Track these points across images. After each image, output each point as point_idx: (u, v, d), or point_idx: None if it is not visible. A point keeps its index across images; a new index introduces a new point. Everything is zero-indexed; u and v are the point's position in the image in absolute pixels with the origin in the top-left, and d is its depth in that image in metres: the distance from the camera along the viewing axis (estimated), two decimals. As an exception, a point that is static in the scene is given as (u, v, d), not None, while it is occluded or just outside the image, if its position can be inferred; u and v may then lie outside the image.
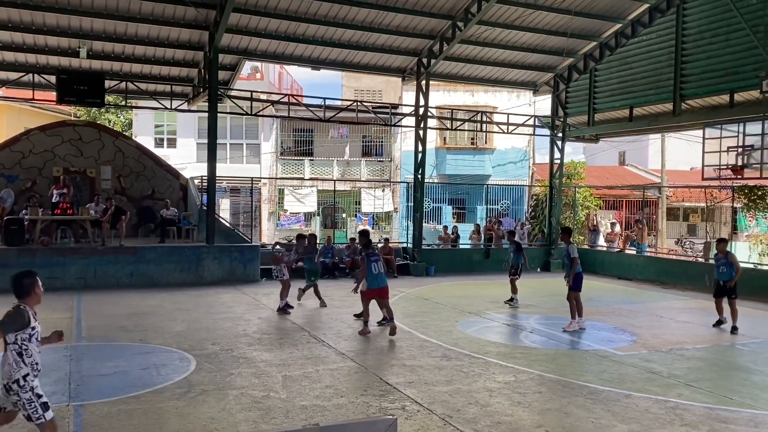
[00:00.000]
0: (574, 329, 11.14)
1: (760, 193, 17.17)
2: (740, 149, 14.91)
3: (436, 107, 24.55)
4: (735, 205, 19.05)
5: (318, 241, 16.48)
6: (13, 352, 4.71)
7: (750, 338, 10.54)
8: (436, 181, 27.82)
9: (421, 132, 19.96)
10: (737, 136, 15.03)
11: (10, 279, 4.99)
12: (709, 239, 20.46)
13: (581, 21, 18.19)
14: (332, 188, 23.12)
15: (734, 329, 11.08)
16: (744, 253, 18.95)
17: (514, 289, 13.99)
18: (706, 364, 9.07)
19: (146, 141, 26.39)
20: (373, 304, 10.78)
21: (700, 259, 18.93)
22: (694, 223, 32.55)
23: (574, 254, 11.33)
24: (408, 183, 22.90)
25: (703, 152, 15.95)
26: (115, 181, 19.00)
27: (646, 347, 10.03)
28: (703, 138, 16.09)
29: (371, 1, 16.18)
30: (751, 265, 16.83)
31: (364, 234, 11.96)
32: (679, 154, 31.78)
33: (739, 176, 15.25)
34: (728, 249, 11.97)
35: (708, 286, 16.44)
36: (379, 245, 19.63)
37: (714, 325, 11.50)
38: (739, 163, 14.95)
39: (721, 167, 15.31)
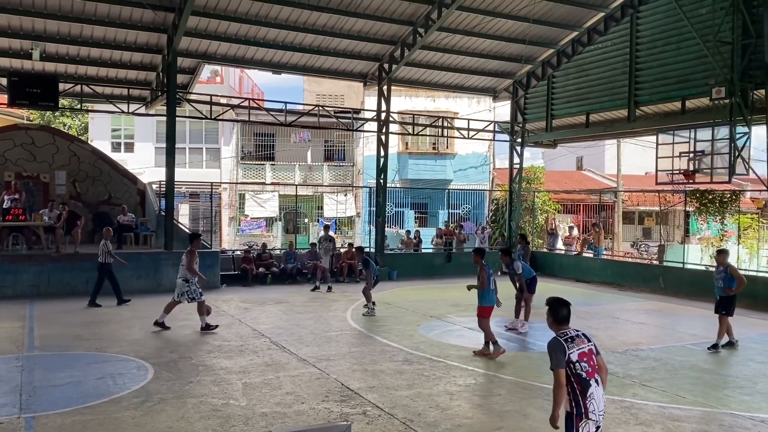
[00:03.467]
0: (517, 328, 11.56)
1: (710, 197, 17.70)
2: (692, 155, 15.35)
3: (398, 112, 24.65)
4: (687, 209, 19.59)
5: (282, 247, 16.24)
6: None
7: (702, 338, 10.84)
8: (398, 185, 27.91)
9: (383, 137, 20.03)
10: (689, 142, 15.47)
11: (549, 303, 4.79)
12: (663, 242, 21.02)
13: (539, 29, 18.52)
14: (294, 193, 22.97)
15: (715, 347, 10.08)
16: (696, 255, 19.52)
17: (367, 297, 13.32)
18: (660, 364, 9.30)
19: (103, 145, 25.83)
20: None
21: (654, 262, 19.42)
22: (649, 227, 33.35)
23: (519, 271, 11.83)
24: (370, 188, 22.92)
25: (657, 157, 16.38)
26: (70, 186, 18.55)
27: (603, 348, 10.07)
28: (657, 144, 16.52)
29: (333, 6, 16.17)
30: (703, 268, 17.35)
31: (479, 250, 10.59)
32: (635, 159, 32.54)
33: (690, 181, 15.68)
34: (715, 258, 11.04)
35: (663, 288, 16.94)
36: (343, 250, 19.66)
37: (724, 346, 10.18)
38: (691, 168, 15.39)
39: (674, 172, 15.74)
